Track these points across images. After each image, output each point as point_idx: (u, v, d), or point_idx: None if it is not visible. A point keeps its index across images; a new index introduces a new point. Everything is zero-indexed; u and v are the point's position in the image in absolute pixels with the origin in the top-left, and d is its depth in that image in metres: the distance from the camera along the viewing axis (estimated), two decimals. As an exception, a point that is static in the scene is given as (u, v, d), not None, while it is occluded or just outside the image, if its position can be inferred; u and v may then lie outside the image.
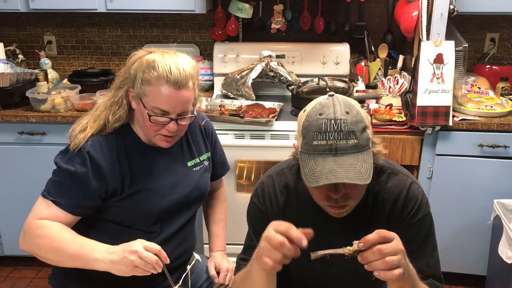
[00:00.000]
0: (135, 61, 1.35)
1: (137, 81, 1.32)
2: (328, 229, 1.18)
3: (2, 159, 2.47)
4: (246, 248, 1.30)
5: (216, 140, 1.67)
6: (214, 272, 1.61)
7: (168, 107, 1.31)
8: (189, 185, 1.51)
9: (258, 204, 1.27)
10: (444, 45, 2.10)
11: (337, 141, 1.02)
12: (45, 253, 1.34)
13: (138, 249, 1.20)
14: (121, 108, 1.37)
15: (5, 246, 2.65)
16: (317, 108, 1.06)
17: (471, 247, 2.42)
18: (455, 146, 2.27)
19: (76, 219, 1.38)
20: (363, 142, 1.03)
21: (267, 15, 2.78)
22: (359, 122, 1.04)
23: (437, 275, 1.22)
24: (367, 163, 1.03)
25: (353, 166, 1.01)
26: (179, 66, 1.31)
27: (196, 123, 1.58)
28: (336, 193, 1.06)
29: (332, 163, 1.01)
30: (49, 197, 1.35)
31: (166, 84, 1.29)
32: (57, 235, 1.31)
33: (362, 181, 1.00)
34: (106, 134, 1.38)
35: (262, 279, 1.09)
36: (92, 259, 1.26)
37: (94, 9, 2.54)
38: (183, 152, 1.52)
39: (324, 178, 1.00)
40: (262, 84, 2.68)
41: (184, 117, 1.36)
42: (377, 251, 0.95)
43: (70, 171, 1.33)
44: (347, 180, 0.99)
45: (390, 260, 0.94)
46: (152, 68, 1.30)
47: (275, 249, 0.97)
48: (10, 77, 2.42)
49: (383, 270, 0.95)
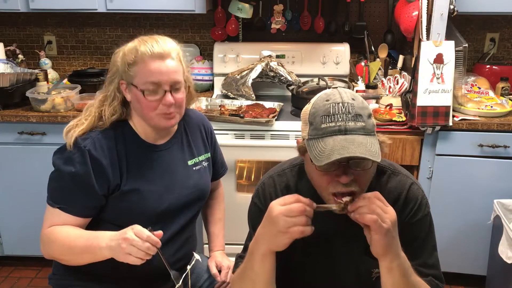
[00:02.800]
0: (117, 54, 1.38)
1: (124, 70, 1.34)
2: (329, 229, 1.18)
3: (2, 159, 2.47)
4: (246, 247, 1.30)
5: (216, 140, 1.68)
6: (215, 270, 1.61)
7: (158, 78, 1.32)
8: (188, 185, 1.50)
9: (259, 204, 1.27)
10: (444, 45, 2.10)
11: (346, 122, 1.02)
12: (62, 255, 1.36)
13: (129, 237, 1.20)
14: (115, 100, 1.38)
15: (5, 246, 2.65)
16: (323, 97, 1.07)
17: (471, 247, 2.42)
18: (455, 146, 2.27)
19: (88, 220, 1.38)
20: (370, 127, 1.05)
21: (267, 15, 2.78)
22: (365, 108, 1.06)
23: (437, 275, 1.21)
24: (375, 146, 1.04)
25: (363, 144, 1.01)
26: (160, 42, 1.37)
27: (196, 123, 1.58)
28: (345, 177, 1.04)
29: (343, 141, 1.01)
30: (55, 205, 1.35)
31: (150, 58, 1.32)
32: (66, 235, 1.33)
33: (374, 157, 1.00)
34: (104, 129, 1.38)
35: (265, 268, 1.09)
36: (98, 247, 1.27)
37: (94, 9, 2.54)
38: (184, 150, 1.52)
39: (336, 153, 0.99)
40: (262, 84, 2.69)
41: (178, 89, 1.37)
42: (367, 198, 1.00)
43: (71, 173, 1.33)
44: (359, 154, 0.98)
45: (374, 206, 0.98)
46: (134, 50, 1.34)
47: (300, 216, 1.01)
48: (10, 77, 2.42)
49: (364, 213, 0.99)
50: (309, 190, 1.19)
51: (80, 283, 1.45)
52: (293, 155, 1.36)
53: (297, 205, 1.01)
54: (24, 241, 2.60)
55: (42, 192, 2.46)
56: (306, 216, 1.01)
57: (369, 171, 1.08)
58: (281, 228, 1.01)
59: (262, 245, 1.07)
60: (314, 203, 1.02)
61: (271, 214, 1.03)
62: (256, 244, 1.10)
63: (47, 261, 1.45)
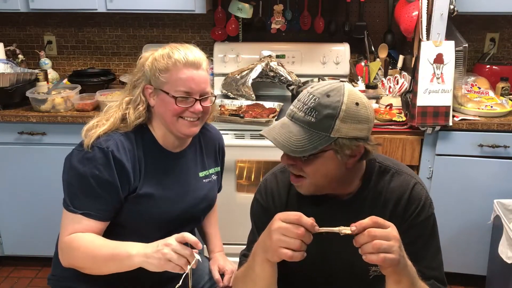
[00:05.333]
0: (146, 59, 1.38)
1: (154, 74, 1.35)
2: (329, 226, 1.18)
3: (2, 159, 2.47)
4: (249, 244, 1.31)
5: (224, 162, 1.69)
6: (218, 276, 1.60)
7: (190, 88, 1.34)
8: (198, 195, 1.51)
9: (261, 200, 1.28)
10: (444, 45, 2.10)
11: (297, 110, 1.08)
12: (84, 263, 1.33)
13: (171, 243, 1.18)
14: (140, 105, 1.38)
15: (5, 246, 2.65)
16: (313, 84, 1.13)
17: (471, 247, 2.42)
18: (455, 146, 2.27)
19: (107, 224, 1.37)
20: (320, 126, 1.05)
21: (267, 15, 2.78)
22: (330, 108, 1.04)
23: (440, 278, 1.20)
24: (310, 144, 1.05)
25: (292, 134, 1.07)
26: (192, 50, 1.38)
27: (212, 139, 1.59)
28: (286, 159, 1.11)
29: (279, 124, 1.11)
30: (78, 211, 1.31)
31: (184, 67, 1.33)
32: (90, 244, 1.30)
33: (284, 148, 1.06)
34: (126, 132, 1.37)
35: (265, 272, 1.09)
36: (127, 255, 1.24)
37: (94, 9, 2.54)
38: (196, 161, 1.53)
39: (266, 132, 1.10)
40: (262, 84, 2.68)
41: (206, 98, 1.39)
42: (367, 233, 0.96)
43: (95, 175, 1.31)
44: (272, 140, 1.08)
45: (379, 243, 0.95)
46: (167, 57, 1.34)
47: (295, 239, 0.98)
48: (10, 77, 2.42)
49: (370, 254, 0.96)
50: None
51: (79, 284, 1.45)
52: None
53: (295, 227, 0.98)
54: (24, 241, 2.60)
55: (42, 192, 2.49)
56: (301, 240, 0.98)
57: (314, 162, 1.08)
58: (273, 244, 1.00)
59: (261, 252, 1.07)
60: (316, 226, 1.00)
61: (270, 226, 1.02)
62: (257, 249, 1.10)
63: (47, 261, 1.45)
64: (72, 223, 1.33)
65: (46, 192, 2.46)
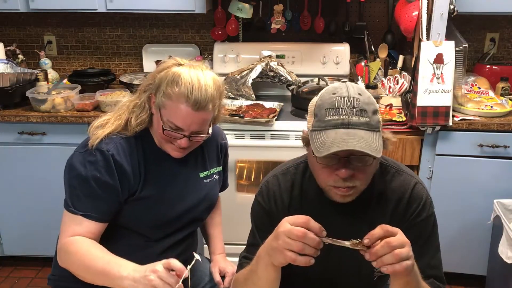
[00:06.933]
0: (162, 69, 1.35)
1: (159, 91, 1.32)
2: (332, 227, 1.18)
3: (2, 159, 2.47)
4: (249, 246, 1.30)
5: (227, 161, 1.69)
6: (219, 278, 1.59)
7: (183, 125, 1.32)
8: (199, 196, 1.51)
9: (263, 202, 1.27)
10: (444, 45, 2.10)
11: (350, 117, 1.02)
12: (77, 270, 1.32)
13: (158, 269, 1.15)
14: (143, 113, 1.37)
15: (5, 246, 2.65)
16: (330, 90, 1.08)
17: (471, 247, 2.42)
18: (455, 146, 2.27)
19: (106, 225, 1.37)
20: (374, 123, 1.04)
21: (267, 15, 2.78)
22: (371, 104, 1.06)
23: (439, 276, 1.21)
24: (378, 142, 1.03)
25: (365, 139, 1.01)
26: (202, 86, 1.30)
27: (214, 138, 1.57)
28: (344, 171, 1.04)
29: (344, 135, 1.01)
30: (78, 212, 1.32)
31: (185, 103, 1.29)
32: (86, 253, 1.29)
33: (374, 152, 1.00)
34: (127, 136, 1.38)
35: (268, 277, 1.09)
36: (118, 276, 1.21)
37: (94, 9, 2.54)
38: (197, 162, 1.52)
39: (336, 146, 1.00)
40: (262, 84, 2.68)
41: (197, 135, 1.37)
42: (385, 245, 0.94)
43: (96, 177, 1.31)
44: (359, 148, 0.99)
45: (399, 252, 0.93)
46: (175, 84, 1.29)
47: (297, 241, 0.97)
48: (10, 77, 2.42)
49: (392, 264, 0.94)
50: (314, 187, 1.19)
51: (79, 285, 1.45)
52: (292, 155, 1.36)
53: (300, 230, 0.97)
54: (24, 241, 2.60)
55: (42, 192, 2.49)
56: (304, 243, 0.97)
57: (371, 167, 1.08)
58: (279, 247, 1.00)
59: (266, 255, 1.06)
60: (324, 231, 0.99)
61: (277, 229, 1.02)
62: (262, 252, 1.09)
63: (47, 261, 1.45)
64: (72, 223, 1.33)
65: (46, 192, 2.46)
